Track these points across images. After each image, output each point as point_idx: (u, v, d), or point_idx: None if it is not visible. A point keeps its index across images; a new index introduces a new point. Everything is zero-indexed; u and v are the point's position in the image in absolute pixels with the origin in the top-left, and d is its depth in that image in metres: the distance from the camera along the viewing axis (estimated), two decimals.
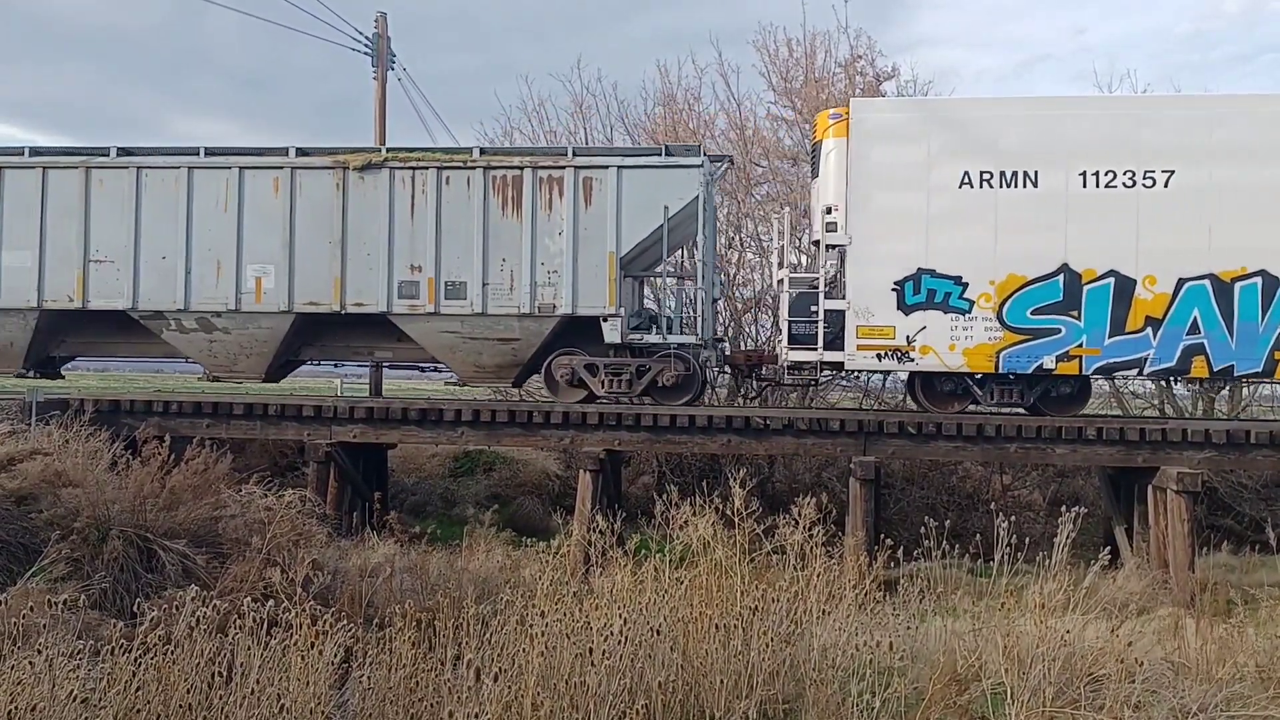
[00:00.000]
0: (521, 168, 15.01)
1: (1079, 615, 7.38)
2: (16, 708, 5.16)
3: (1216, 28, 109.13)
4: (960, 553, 9.52)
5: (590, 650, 5.88)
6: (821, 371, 15.57)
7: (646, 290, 17.40)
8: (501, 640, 6.27)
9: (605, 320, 14.97)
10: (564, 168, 14.96)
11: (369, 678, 6.04)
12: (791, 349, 14.71)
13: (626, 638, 6.15)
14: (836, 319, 14.49)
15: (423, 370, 17.84)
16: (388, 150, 15.59)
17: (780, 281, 15.38)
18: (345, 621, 6.47)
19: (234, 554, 9.14)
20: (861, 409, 17.47)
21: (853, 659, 6.58)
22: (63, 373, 18.12)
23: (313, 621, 6.11)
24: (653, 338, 15.23)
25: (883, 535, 12.12)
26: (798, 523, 8.35)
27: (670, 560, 8.22)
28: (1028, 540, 8.52)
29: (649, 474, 19.65)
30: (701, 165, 14.95)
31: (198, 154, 15.60)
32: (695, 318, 15.37)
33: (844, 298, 14.52)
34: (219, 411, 14.75)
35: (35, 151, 15.99)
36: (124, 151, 15.82)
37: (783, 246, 15.79)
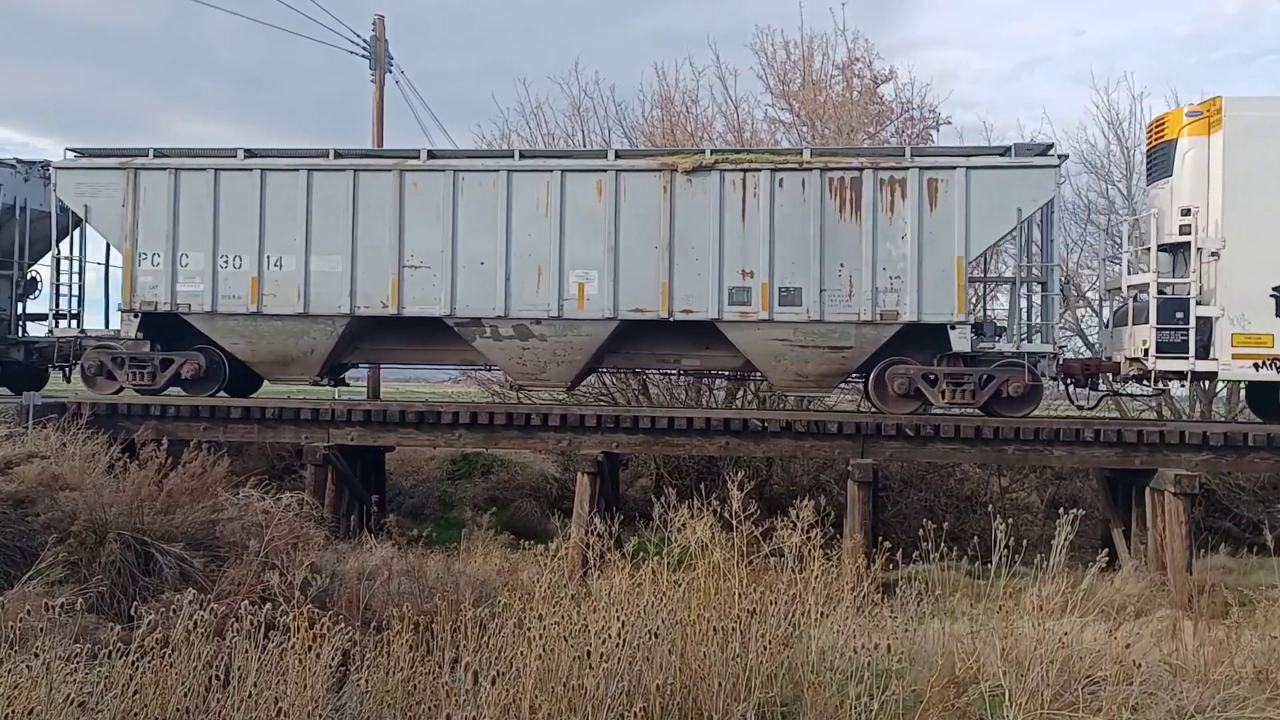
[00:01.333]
0: (861, 169, 14.39)
1: (1077, 617, 7.38)
2: (14, 711, 5.15)
3: (1216, 29, 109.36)
4: (958, 555, 9.54)
5: (588, 653, 5.87)
6: (1192, 382, 14.78)
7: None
8: (499, 643, 6.26)
9: (953, 328, 14.21)
10: (907, 169, 14.34)
11: (367, 681, 6.03)
12: (1160, 358, 13.85)
13: (624, 640, 6.14)
14: (1205, 326, 13.78)
15: (698, 377, 17.46)
16: (714, 152, 15.05)
17: (1139, 287, 14.56)
18: (343, 624, 6.47)
19: (231, 557, 9.13)
20: (859, 411, 17.46)
21: (851, 661, 6.58)
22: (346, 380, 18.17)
23: (310, 624, 6.11)
24: (1005, 345, 14.54)
25: (881, 537, 12.09)
26: (796, 525, 8.35)
27: (668, 563, 8.21)
28: (1026, 542, 8.53)
29: (647, 476, 19.65)
30: (1058, 165, 14.45)
31: (512, 156, 15.22)
32: (1046, 325, 14.78)
33: (1214, 304, 13.76)
34: (216, 415, 14.73)
35: (339, 154, 15.47)
36: (434, 155, 15.42)
37: (1137, 251, 15.04)
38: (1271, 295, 13.64)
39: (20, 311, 18.07)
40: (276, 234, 15.16)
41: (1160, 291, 14.02)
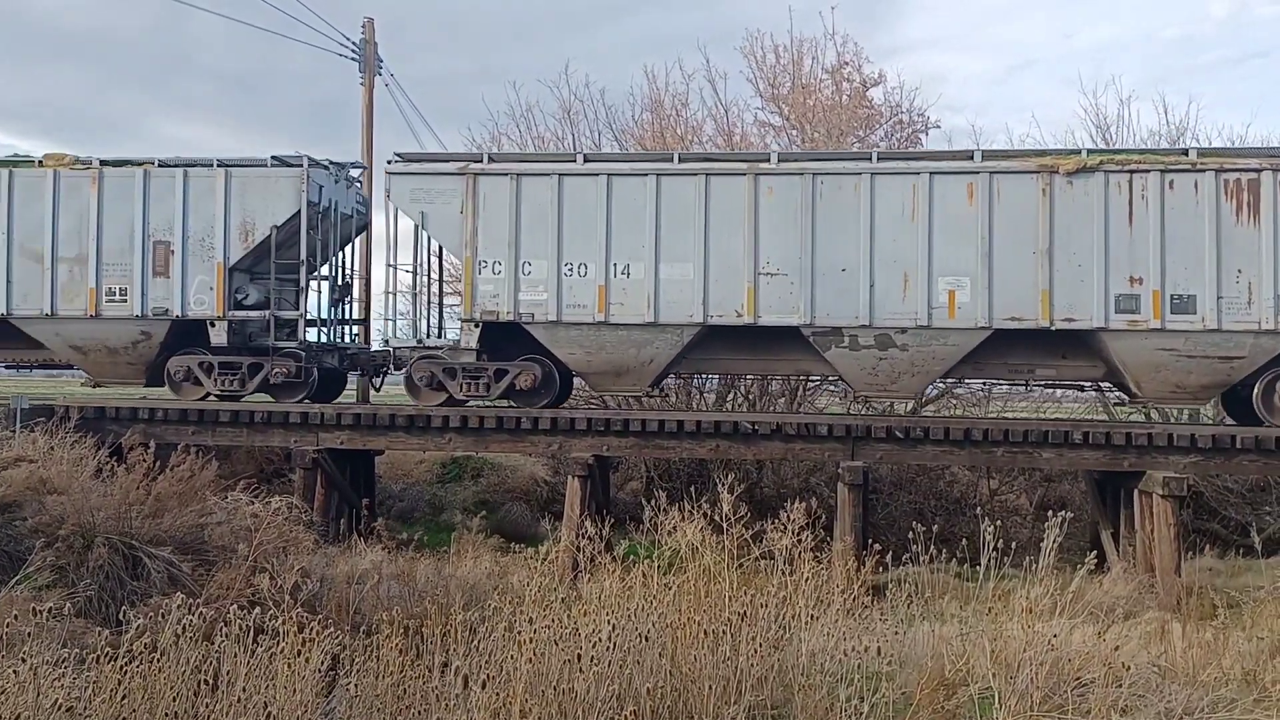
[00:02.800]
0: (1259, 170, 13.64)
1: (1066, 619, 7.40)
2: (1, 716, 5.12)
3: (1204, 31, 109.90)
4: (948, 557, 9.57)
5: (579, 656, 5.87)
6: None
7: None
8: (490, 647, 6.26)
9: None
10: None
11: (356, 685, 6.02)
12: None
13: (615, 644, 6.14)
14: None
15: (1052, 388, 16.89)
16: (1091, 152, 14.32)
17: None
18: (332, 628, 6.45)
19: (220, 561, 9.10)
20: (849, 414, 17.49)
21: (841, 664, 6.59)
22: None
23: (300, 629, 6.09)
24: None
25: (871, 540, 12.10)
26: (786, 528, 8.36)
27: (659, 566, 8.22)
28: (1015, 544, 8.54)
29: (637, 479, 19.66)
30: None
31: (870, 159, 14.61)
32: None
33: None
34: (205, 418, 14.68)
35: (683, 159, 14.93)
36: (786, 158, 14.92)
37: None
38: None
39: (338, 316, 17.30)
40: (623, 241, 14.57)
41: None
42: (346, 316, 17.56)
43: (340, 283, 17.23)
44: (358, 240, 17.88)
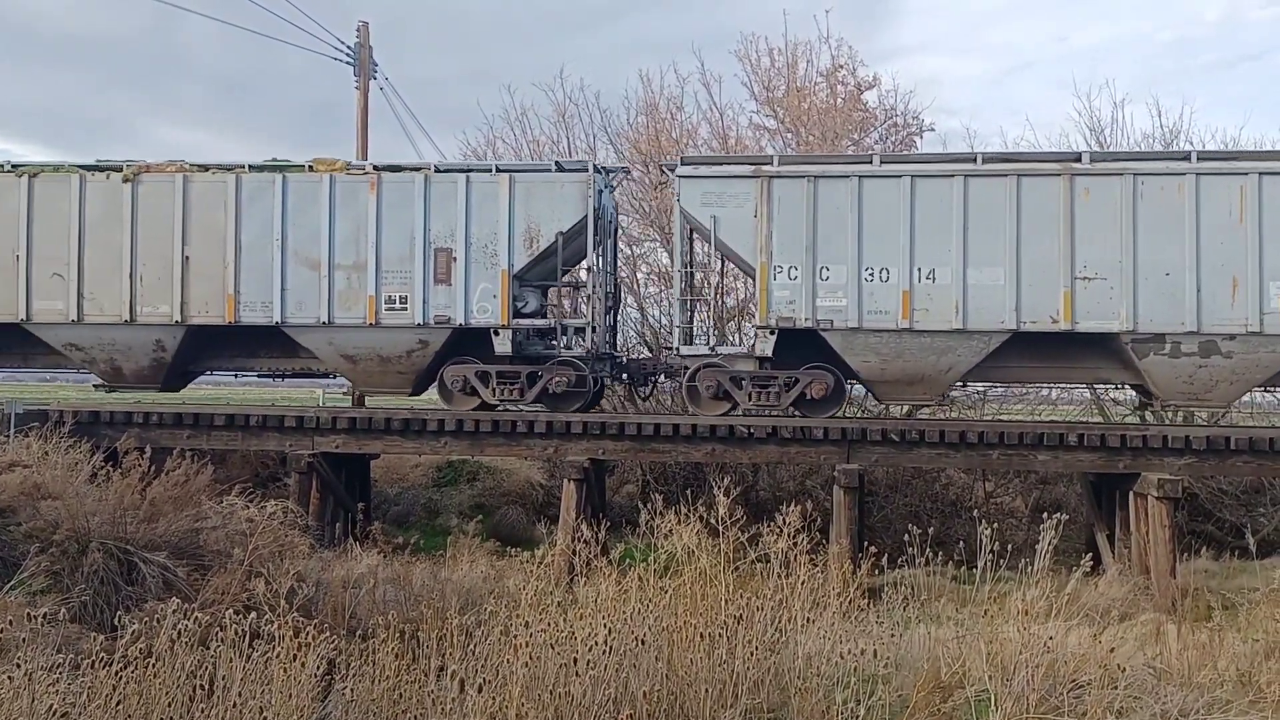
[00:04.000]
0: None
1: (1062, 621, 7.41)
2: None
3: (1197, 34, 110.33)
4: (944, 560, 9.58)
5: (575, 660, 5.87)
6: None
7: None
8: (486, 651, 6.26)
9: None
10: None
11: (352, 689, 6.01)
12: None
13: (611, 647, 6.14)
14: None
15: None
16: None
17: None
18: (328, 633, 6.44)
19: (216, 566, 9.07)
20: (845, 417, 17.51)
21: (837, 667, 6.60)
22: None
23: (295, 633, 6.08)
24: None
25: (866, 543, 12.14)
26: (782, 531, 8.37)
27: (655, 569, 8.22)
28: (1010, 547, 8.57)
29: (633, 483, 19.64)
30: None
31: (1188, 159, 14.15)
32: None
33: None
34: (200, 422, 14.66)
35: (987, 159, 14.43)
36: (1101, 157, 14.54)
37: None
38: None
39: (611, 324, 16.57)
40: (927, 245, 14.11)
41: None
42: (616, 324, 17.07)
43: (613, 289, 16.63)
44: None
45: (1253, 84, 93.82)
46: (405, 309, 15.04)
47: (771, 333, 14.37)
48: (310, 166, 15.34)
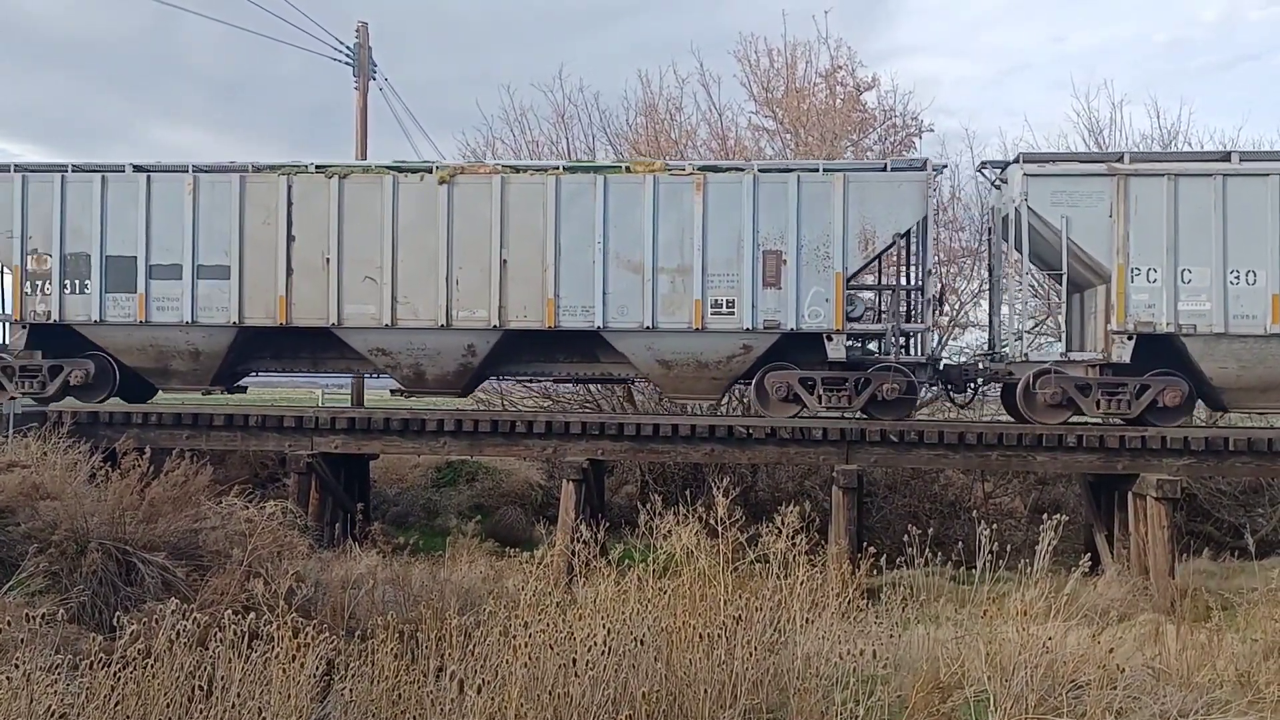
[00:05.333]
0: None
1: (1060, 622, 7.42)
2: None
3: (1194, 35, 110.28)
4: (942, 560, 9.57)
5: (574, 661, 5.87)
6: None
7: None
8: (485, 651, 6.25)
9: None
10: None
11: (351, 690, 6.01)
12: None
13: (610, 648, 6.14)
14: None
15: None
16: None
17: None
18: (327, 633, 6.43)
19: (214, 566, 9.07)
20: (844, 418, 17.51)
21: (836, 667, 6.60)
22: None
23: (294, 634, 6.08)
24: None
25: (865, 543, 12.15)
26: (781, 531, 8.37)
27: (654, 570, 8.22)
28: (1009, 547, 8.58)
29: (632, 483, 19.64)
30: None
31: None
32: None
33: None
34: (199, 423, 14.65)
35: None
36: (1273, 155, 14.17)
37: None
38: None
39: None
40: None
41: None
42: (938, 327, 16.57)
43: (936, 292, 16.00)
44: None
45: (1252, 85, 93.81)
46: (732, 313, 14.53)
47: (1129, 338, 13.87)
48: (627, 168, 14.94)
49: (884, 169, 14.83)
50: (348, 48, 21.82)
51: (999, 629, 7.00)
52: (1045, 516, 8.11)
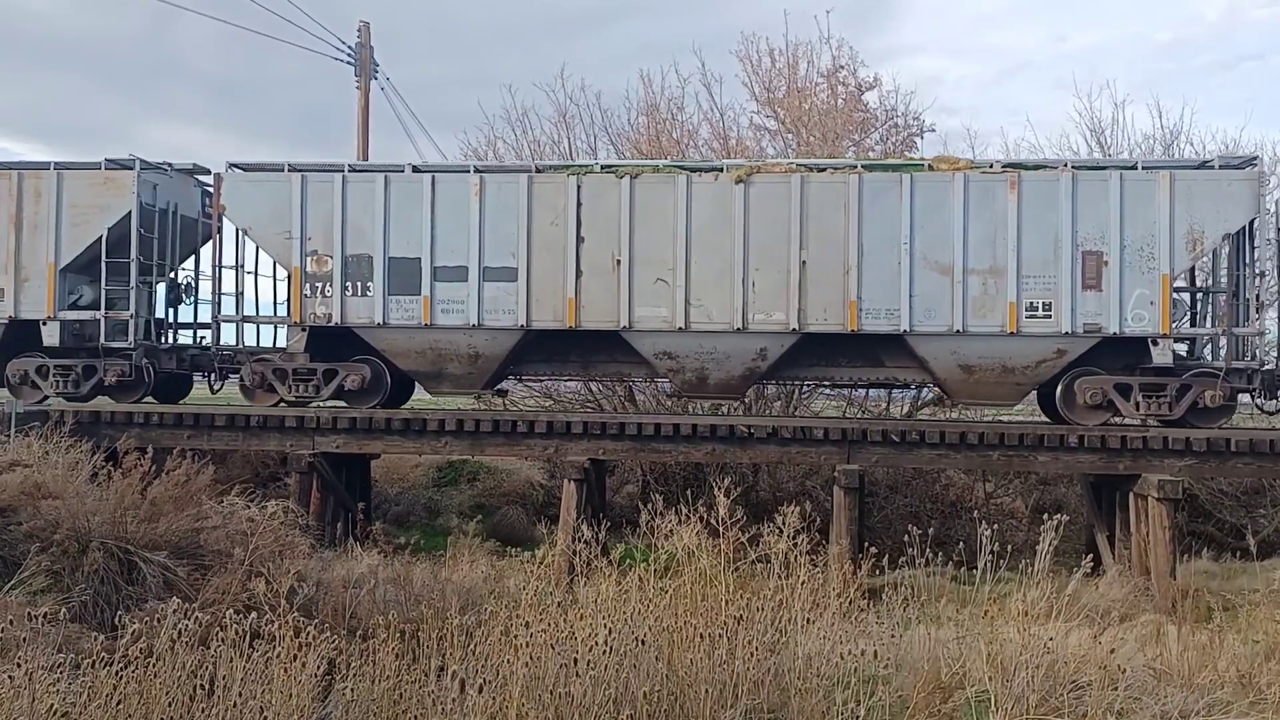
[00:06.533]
0: None
1: (1062, 622, 7.42)
2: None
3: (1196, 35, 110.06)
4: (944, 560, 9.58)
5: (575, 660, 5.88)
6: None
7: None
8: (486, 651, 6.26)
9: None
10: None
11: (352, 689, 6.02)
12: None
13: (611, 648, 6.14)
14: None
15: None
16: None
17: None
18: (328, 633, 6.44)
19: (216, 566, 9.08)
20: (845, 418, 17.51)
21: (837, 667, 6.59)
22: None
23: (296, 633, 6.09)
24: None
25: (867, 543, 12.13)
26: (782, 531, 8.37)
27: (655, 569, 8.22)
28: (1010, 548, 8.58)
29: (633, 483, 19.64)
30: None
31: None
32: None
33: None
34: (200, 423, 14.65)
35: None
36: None
37: None
38: None
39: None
40: None
41: None
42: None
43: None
44: None
45: (1254, 85, 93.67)
46: (1049, 316, 13.89)
47: None
48: (930, 165, 14.43)
49: (1207, 166, 14.33)
50: (349, 47, 21.87)
51: (1000, 629, 7.00)
52: (1046, 517, 8.11)
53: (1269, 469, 13.56)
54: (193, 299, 17.30)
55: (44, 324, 15.42)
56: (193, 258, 17.24)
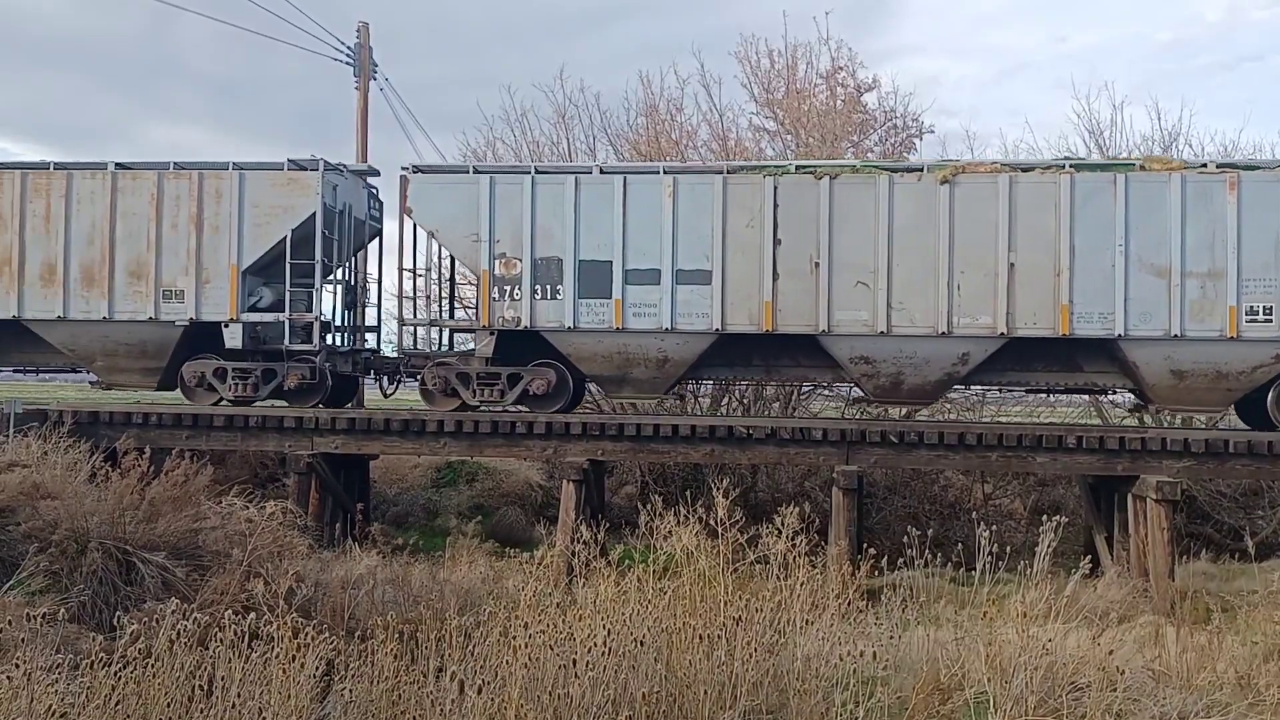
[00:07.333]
0: None
1: (1060, 624, 7.42)
2: None
3: (1196, 35, 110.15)
4: (942, 562, 9.57)
5: (574, 661, 5.87)
6: None
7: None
8: (485, 652, 6.26)
9: None
10: None
11: (351, 690, 6.01)
12: None
13: (610, 649, 6.14)
14: None
15: None
16: None
17: None
18: (327, 634, 6.44)
19: (215, 566, 9.08)
20: (844, 418, 17.51)
21: (836, 669, 6.59)
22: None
23: (294, 634, 6.08)
24: None
25: (865, 544, 12.14)
26: (781, 532, 8.37)
27: (654, 570, 8.22)
28: (1009, 549, 8.58)
29: (632, 484, 19.65)
30: None
31: None
32: None
33: None
34: (199, 423, 14.65)
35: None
36: None
37: None
38: None
39: None
40: None
41: None
42: None
43: None
44: None
45: (1254, 86, 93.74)
46: (1270, 320, 13.68)
47: None
48: (1141, 165, 14.11)
49: None
50: (348, 48, 21.85)
51: (999, 630, 7.00)
52: (1045, 518, 8.11)
53: (1267, 470, 13.57)
54: (367, 301, 17.30)
55: (226, 326, 15.25)
56: (353, 260, 17.09)
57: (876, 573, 10.13)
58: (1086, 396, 18.99)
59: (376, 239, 17.75)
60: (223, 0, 23.28)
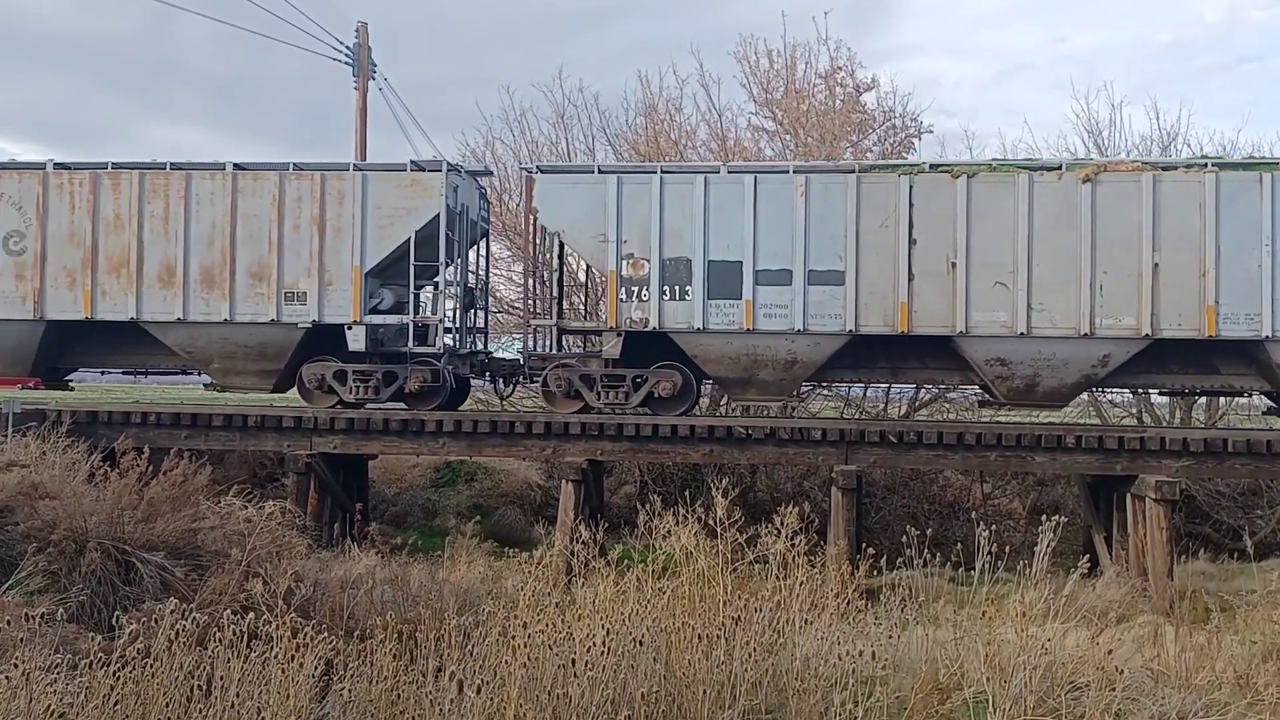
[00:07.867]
0: None
1: (1059, 623, 7.42)
2: None
3: (1196, 36, 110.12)
4: (941, 561, 9.57)
5: (573, 661, 5.87)
6: None
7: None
8: (484, 652, 6.26)
9: None
10: None
11: (350, 690, 6.00)
12: None
13: (609, 648, 6.14)
14: None
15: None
16: None
17: None
18: (326, 634, 6.43)
19: (213, 566, 9.07)
20: (843, 418, 17.51)
21: (835, 668, 6.59)
22: None
23: (293, 634, 6.08)
24: None
25: (864, 544, 12.14)
26: (780, 532, 8.37)
27: (653, 570, 8.22)
28: (1008, 549, 8.58)
29: (631, 484, 19.65)
30: None
31: None
32: None
33: None
34: (197, 423, 14.64)
35: None
36: None
37: None
38: None
39: None
40: None
41: None
42: None
43: None
44: None
45: (1253, 86, 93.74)
46: None
47: None
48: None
49: None
50: (347, 48, 21.85)
51: (998, 630, 6.99)
52: (1044, 518, 8.11)
53: (1265, 470, 13.58)
54: (484, 304, 17.14)
55: (349, 329, 15.13)
56: (463, 260, 16.80)
57: (875, 572, 10.14)
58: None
59: (484, 239, 17.50)
60: (223, 0, 23.28)
